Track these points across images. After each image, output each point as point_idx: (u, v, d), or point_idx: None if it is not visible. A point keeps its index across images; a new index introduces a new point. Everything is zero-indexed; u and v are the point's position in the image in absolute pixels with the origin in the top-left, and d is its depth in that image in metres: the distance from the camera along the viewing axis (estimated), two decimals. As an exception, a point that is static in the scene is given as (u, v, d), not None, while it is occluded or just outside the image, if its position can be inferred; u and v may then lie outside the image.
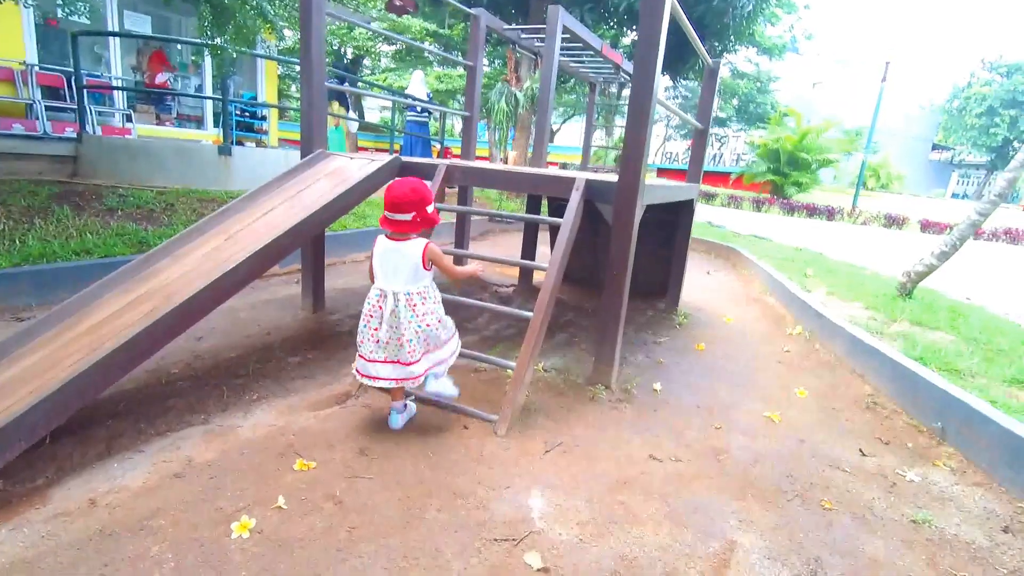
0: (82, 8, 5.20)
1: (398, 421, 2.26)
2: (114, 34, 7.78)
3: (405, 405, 2.30)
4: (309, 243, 3.57)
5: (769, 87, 28.00)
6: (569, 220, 2.51)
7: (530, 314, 2.40)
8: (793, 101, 27.07)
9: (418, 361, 2.15)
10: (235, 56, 5.89)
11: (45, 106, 6.87)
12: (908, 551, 1.79)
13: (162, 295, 2.26)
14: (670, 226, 4.38)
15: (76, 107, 6.97)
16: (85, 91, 7.03)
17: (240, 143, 8.97)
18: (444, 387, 2.31)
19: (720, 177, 21.47)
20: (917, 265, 4.40)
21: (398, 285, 2.11)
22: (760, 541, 1.77)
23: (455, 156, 12.06)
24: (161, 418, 2.23)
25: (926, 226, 13.84)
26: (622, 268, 2.62)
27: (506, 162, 10.73)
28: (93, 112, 7.12)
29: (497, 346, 3.25)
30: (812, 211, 14.81)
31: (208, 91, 9.13)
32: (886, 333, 3.56)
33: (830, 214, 14.70)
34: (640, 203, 2.60)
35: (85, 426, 2.11)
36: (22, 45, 6.92)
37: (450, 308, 2.38)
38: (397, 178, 2.14)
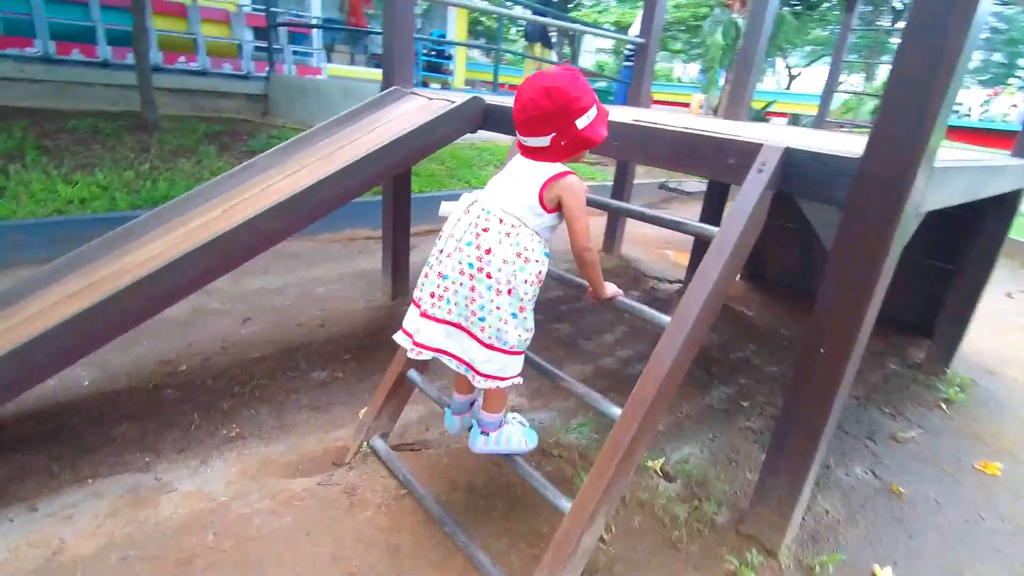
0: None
1: (456, 424, 1.50)
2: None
3: (472, 403, 1.49)
4: (390, 207, 2.79)
5: None
6: (732, 235, 1.21)
7: (617, 411, 1.23)
8: None
9: (491, 347, 1.25)
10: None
11: (253, 46, 7.22)
12: None
13: (109, 288, 1.63)
14: (955, 224, 2.59)
15: (275, 47, 7.24)
16: (279, 30, 7.24)
17: (425, 84, 8.69)
18: (510, 439, 1.40)
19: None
20: None
21: (497, 200, 1.26)
22: None
23: (666, 105, 10.34)
24: (96, 452, 1.66)
25: None
26: (845, 340, 1.25)
27: (715, 112, 8.74)
28: (289, 51, 7.31)
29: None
30: None
31: (400, 29, 8.93)
32: None
33: None
34: (912, 206, 1.17)
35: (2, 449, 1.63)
36: (238, -13, 7.32)
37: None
38: (535, 73, 1.21)
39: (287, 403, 1.97)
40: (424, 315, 1.30)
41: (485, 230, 1.23)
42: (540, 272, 1.25)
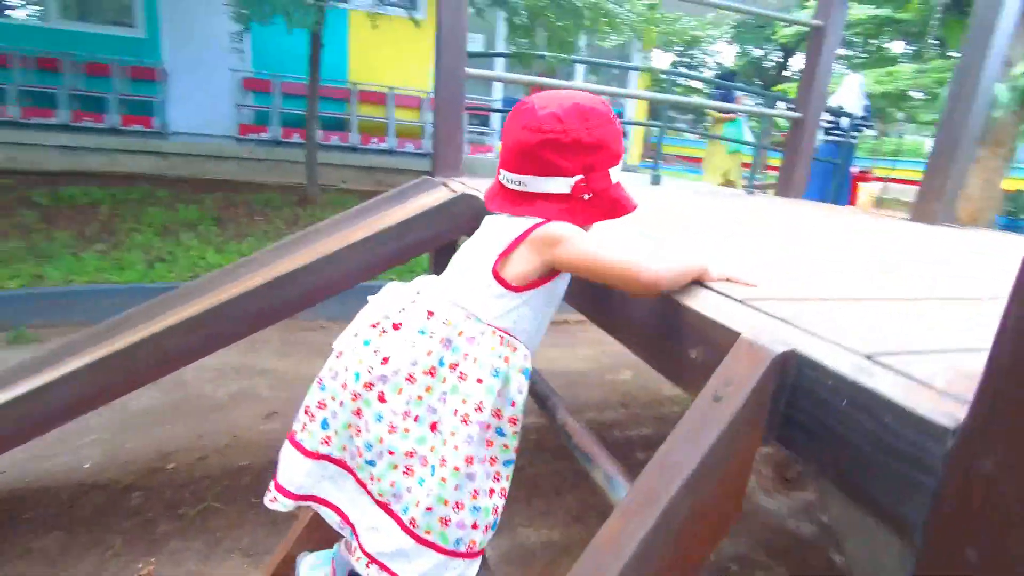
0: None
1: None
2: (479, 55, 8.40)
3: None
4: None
5: None
6: (634, 533, 0.55)
7: None
8: None
9: (389, 510, 0.81)
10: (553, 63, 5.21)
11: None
12: None
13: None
14: None
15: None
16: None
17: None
18: None
19: None
20: None
21: (442, 285, 0.87)
22: None
23: (874, 181, 8.57)
24: (4, 566, 1.55)
25: None
26: None
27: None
28: (465, 131, 7.81)
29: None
30: None
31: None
32: None
33: None
34: None
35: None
36: (428, 77, 8.14)
37: None
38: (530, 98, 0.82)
39: (225, 540, 1.69)
40: (291, 440, 0.89)
41: (396, 326, 0.80)
42: (483, 402, 0.75)
